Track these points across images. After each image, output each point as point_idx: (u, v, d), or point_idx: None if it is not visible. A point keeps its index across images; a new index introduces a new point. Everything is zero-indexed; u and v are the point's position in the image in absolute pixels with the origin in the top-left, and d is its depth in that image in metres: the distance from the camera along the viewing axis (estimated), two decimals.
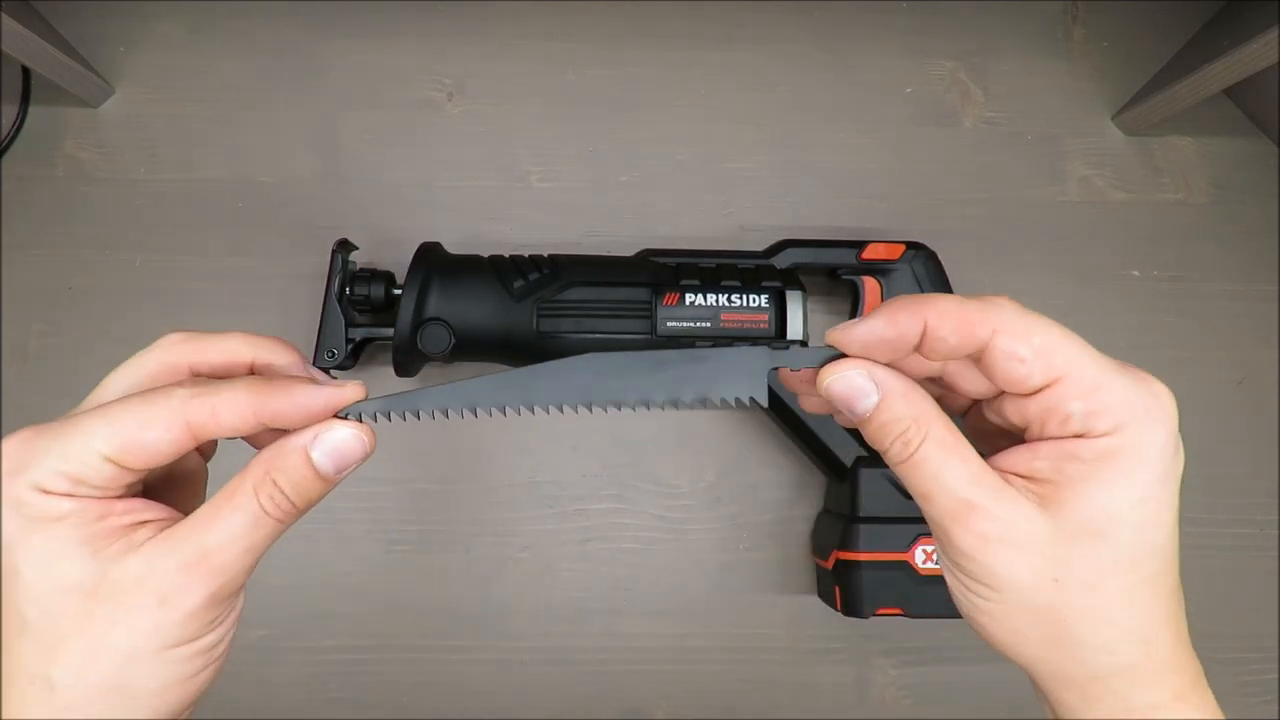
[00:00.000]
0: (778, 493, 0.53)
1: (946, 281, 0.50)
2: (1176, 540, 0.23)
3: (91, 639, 0.21)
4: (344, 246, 0.48)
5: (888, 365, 0.24)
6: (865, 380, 0.24)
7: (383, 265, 0.50)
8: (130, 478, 0.23)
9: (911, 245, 0.50)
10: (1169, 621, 0.23)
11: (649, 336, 0.46)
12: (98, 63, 0.55)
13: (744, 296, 0.47)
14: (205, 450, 0.28)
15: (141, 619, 0.22)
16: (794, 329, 0.46)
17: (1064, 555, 0.22)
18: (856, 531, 0.46)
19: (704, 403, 0.26)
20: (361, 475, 0.51)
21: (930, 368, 0.26)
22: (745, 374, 0.26)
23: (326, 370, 0.48)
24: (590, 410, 0.26)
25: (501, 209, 0.56)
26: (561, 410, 0.26)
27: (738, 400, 0.26)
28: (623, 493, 0.53)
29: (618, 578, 0.52)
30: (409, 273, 0.46)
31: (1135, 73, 0.58)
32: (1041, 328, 0.23)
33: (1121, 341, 0.55)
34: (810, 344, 0.47)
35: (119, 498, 0.23)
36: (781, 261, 0.49)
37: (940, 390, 0.27)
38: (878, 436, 0.24)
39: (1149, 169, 0.58)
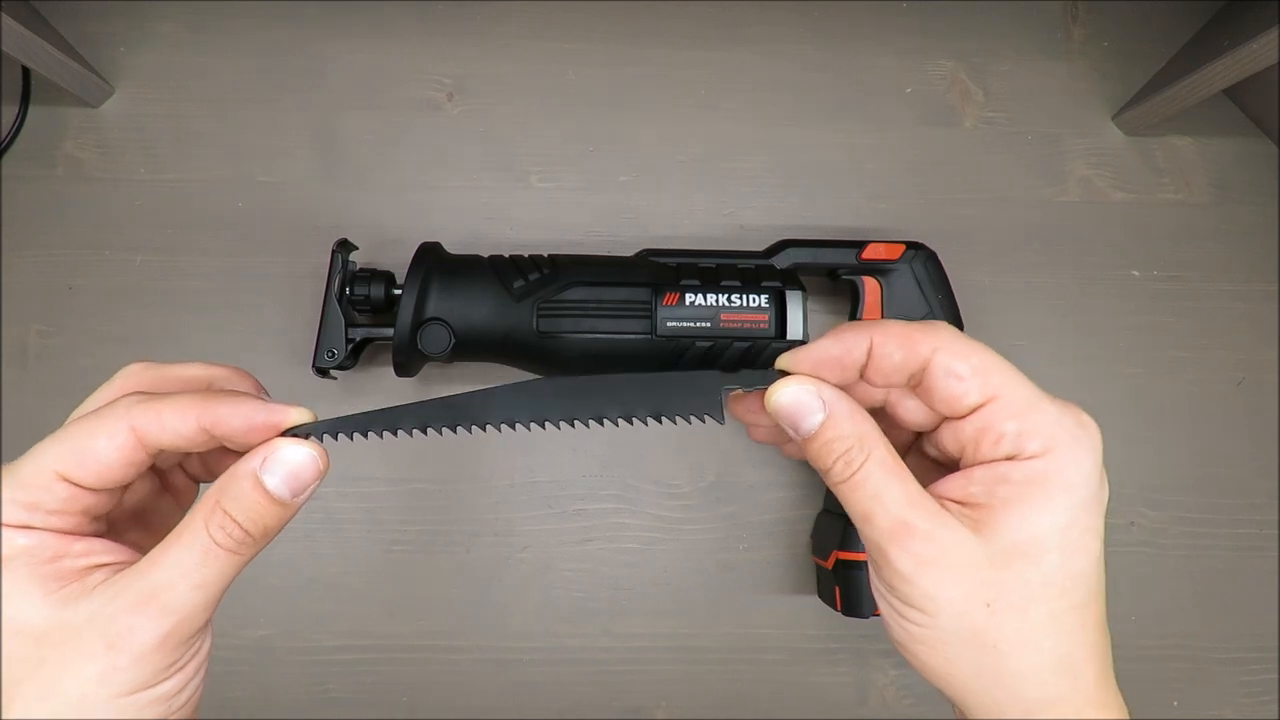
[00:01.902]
0: (778, 493, 0.53)
1: (946, 282, 0.50)
2: (1102, 574, 0.24)
3: (41, 686, 0.21)
4: (344, 246, 0.48)
5: (835, 387, 0.25)
6: (813, 397, 0.24)
7: (383, 265, 0.50)
8: (86, 500, 0.22)
9: (911, 245, 0.49)
10: (1095, 656, 0.24)
11: (649, 336, 0.46)
12: (98, 63, 0.55)
13: (744, 296, 0.47)
14: (182, 499, 0.28)
15: (89, 665, 0.21)
16: (794, 329, 0.46)
17: (995, 579, 0.23)
18: (857, 531, 0.46)
19: (659, 419, 0.27)
20: (361, 475, 0.52)
21: (873, 397, 0.26)
22: (699, 395, 0.27)
23: (326, 370, 0.48)
24: (544, 427, 0.27)
25: (501, 209, 0.56)
26: (514, 428, 0.26)
27: (694, 418, 0.27)
28: (623, 493, 0.53)
29: (618, 578, 0.52)
30: (409, 273, 0.46)
31: (1135, 73, 0.58)
32: (978, 349, 0.23)
33: (1121, 341, 0.55)
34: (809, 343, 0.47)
35: (77, 535, 0.22)
36: (781, 261, 0.49)
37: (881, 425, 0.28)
38: (821, 455, 0.24)
39: (1149, 169, 0.58)
